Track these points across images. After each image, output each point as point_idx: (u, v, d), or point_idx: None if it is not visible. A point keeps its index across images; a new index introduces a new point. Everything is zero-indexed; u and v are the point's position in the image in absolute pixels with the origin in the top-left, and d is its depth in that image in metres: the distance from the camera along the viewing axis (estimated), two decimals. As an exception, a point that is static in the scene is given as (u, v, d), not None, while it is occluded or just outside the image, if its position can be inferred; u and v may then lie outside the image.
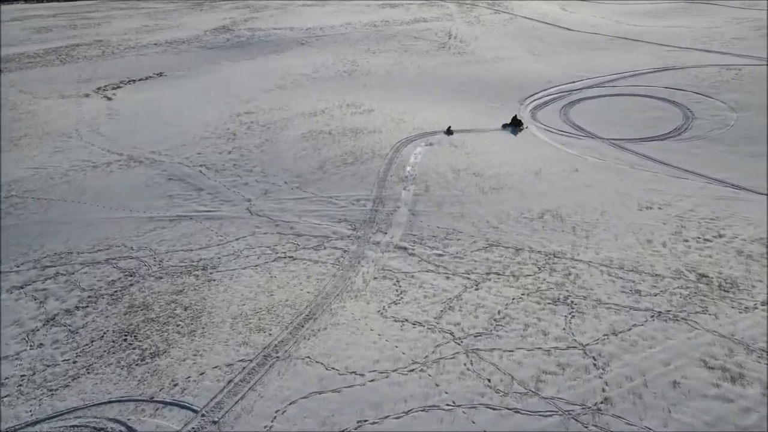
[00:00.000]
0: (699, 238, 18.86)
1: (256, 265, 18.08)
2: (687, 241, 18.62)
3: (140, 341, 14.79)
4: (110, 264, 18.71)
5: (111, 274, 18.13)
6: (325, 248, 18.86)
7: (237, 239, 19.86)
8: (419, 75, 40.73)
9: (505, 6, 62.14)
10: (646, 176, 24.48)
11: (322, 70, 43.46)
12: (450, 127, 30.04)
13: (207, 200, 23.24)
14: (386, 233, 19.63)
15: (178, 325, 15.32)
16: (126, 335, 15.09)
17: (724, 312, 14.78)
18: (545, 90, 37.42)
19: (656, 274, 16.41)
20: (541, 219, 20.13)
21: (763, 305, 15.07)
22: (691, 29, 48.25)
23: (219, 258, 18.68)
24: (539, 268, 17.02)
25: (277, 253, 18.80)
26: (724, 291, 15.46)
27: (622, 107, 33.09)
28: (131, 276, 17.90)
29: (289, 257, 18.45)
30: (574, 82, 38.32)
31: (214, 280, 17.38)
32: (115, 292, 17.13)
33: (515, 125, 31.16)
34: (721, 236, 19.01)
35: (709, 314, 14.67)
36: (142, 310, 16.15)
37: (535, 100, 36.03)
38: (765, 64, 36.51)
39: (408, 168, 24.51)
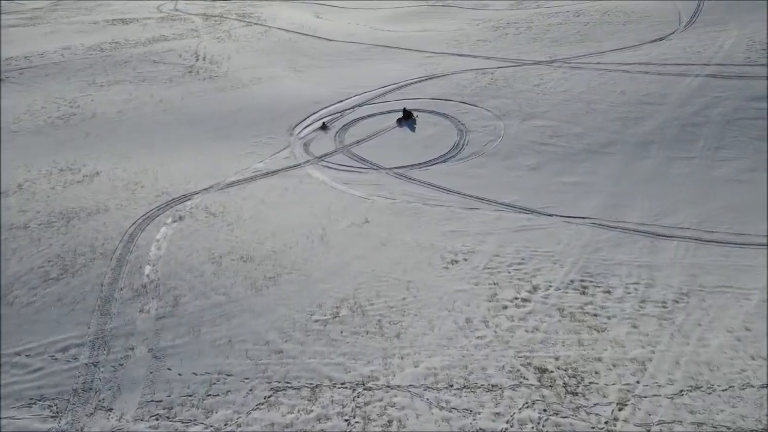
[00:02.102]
0: (516, 298, 15.62)
1: None
2: (506, 308, 15.19)
3: None
4: None
5: None
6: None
7: None
8: (162, 112, 32.20)
9: (258, 17, 55.85)
10: (441, 213, 21.10)
11: (25, 119, 31.74)
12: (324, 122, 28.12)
13: None
14: (111, 410, 12.12)
15: None
16: None
17: None
18: (315, 113, 32.52)
19: (493, 386, 12.35)
20: (338, 318, 14.79)
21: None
22: (441, 33, 48.44)
23: None
24: (347, 420, 11.61)
25: None
26: (573, 395, 12.08)
27: (396, 127, 29.87)
28: None
29: None
30: (342, 100, 34.17)
31: None
32: None
33: (408, 118, 29.82)
34: (535, 289, 16.10)
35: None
36: None
37: (306, 127, 30.86)
38: (512, 66, 37.20)
39: (147, 270, 16.84)
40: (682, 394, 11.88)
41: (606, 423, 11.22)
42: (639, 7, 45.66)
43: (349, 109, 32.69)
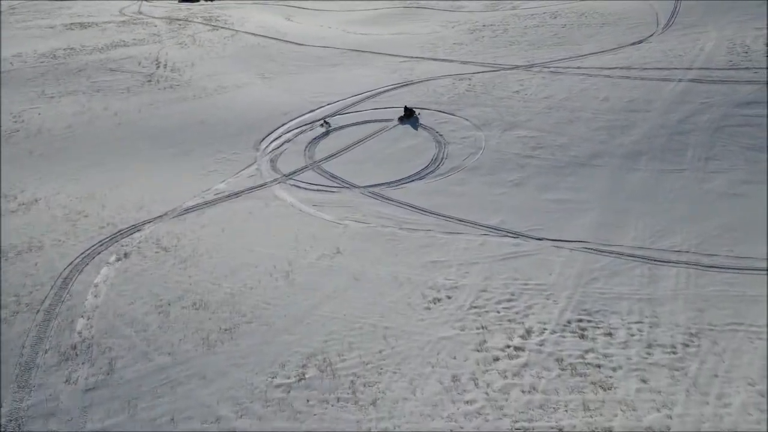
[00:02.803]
0: (508, 347, 13.51)
1: None
2: (497, 359, 13.05)
3: None
4: None
5: None
6: None
7: None
8: (117, 126, 29.26)
9: (225, 20, 52.78)
10: (420, 239, 18.91)
11: (-38, 135, 28.56)
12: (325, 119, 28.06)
13: None
14: None
15: None
16: None
17: None
18: (284, 125, 30.01)
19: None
20: (304, 381, 12.45)
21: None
22: (415, 36, 46.24)
23: None
24: None
25: None
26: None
27: (371, 138, 27.58)
28: None
29: None
30: (313, 110, 31.73)
31: None
32: None
33: (409, 116, 28.67)
34: (529, 333, 14.03)
35: None
36: None
37: (273, 141, 28.33)
38: (490, 71, 35.23)
39: (80, 324, 14.18)
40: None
41: None
42: (615, 9, 44.20)
43: (319, 120, 30.23)
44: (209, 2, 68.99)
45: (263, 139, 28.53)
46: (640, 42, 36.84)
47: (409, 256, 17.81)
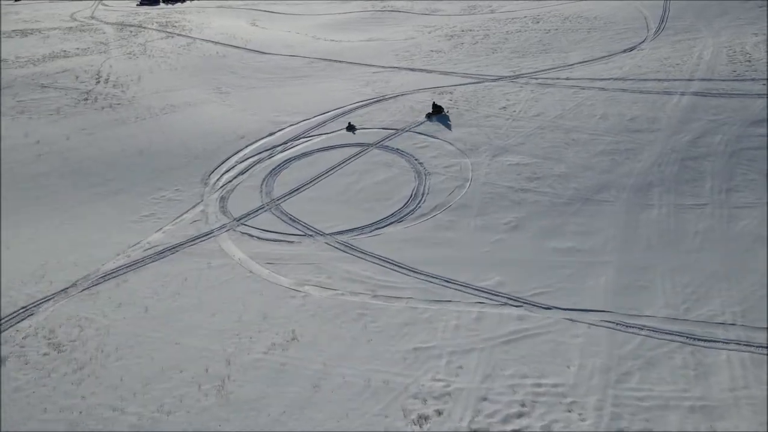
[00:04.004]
0: (529, 507, 9.30)
1: None
2: None
3: None
4: None
5: None
6: None
7: None
8: (36, 159, 24.04)
9: (183, 27, 47.34)
10: (398, 313, 14.53)
11: None
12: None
13: None
14: None
15: None
16: None
17: None
18: (239, 152, 25.26)
19: None
20: None
21: None
22: (389, 42, 41.73)
23: None
24: None
25: None
26: None
27: (340, 169, 23.07)
28: None
29: None
30: (274, 132, 27.01)
31: None
32: None
33: (438, 112, 26.38)
34: (555, 476, 9.85)
35: None
36: None
37: (225, 173, 23.58)
38: (472, 82, 30.98)
39: None
40: None
41: None
42: (601, 13, 40.39)
43: (280, 145, 25.57)
44: (170, 5, 63.27)
45: (214, 170, 23.75)
46: (631, 49, 33.04)
47: (385, 342, 13.43)
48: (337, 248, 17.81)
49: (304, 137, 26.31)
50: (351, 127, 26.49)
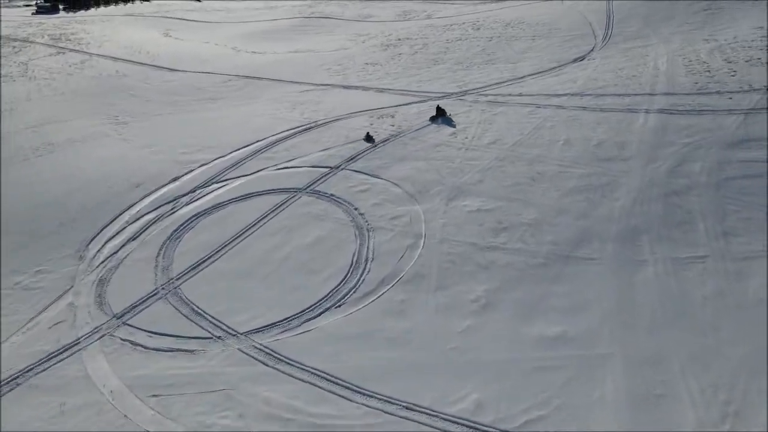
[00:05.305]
0: None
1: None
2: None
3: None
4: None
5: None
6: None
7: None
8: None
9: (80, 40, 39.66)
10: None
11: None
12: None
13: None
14: None
15: None
16: None
17: None
18: (132, 207, 19.33)
19: None
20: None
21: None
22: (319, 54, 36.47)
23: None
24: None
25: None
26: None
27: (261, 227, 17.80)
28: None
29: None
30: (180, 176, 21.24)
31: None
32: None
33: (442, 114, 23.53)
34: None
35: None
36: None
37: (109, 239, 17.66)
38: (416, 101, 26.42)
39: None
40: None
41: None
42: (543, 18, 37.09)
43: (184, 195, 19.88)
44: (72, 13, 54.59)
45: (95, 237, 17.76)
46: (582, 58, 29.72)
47: None
48: (254, 358, 12.64)
49: (217, 181, 20.75)
50: (369, 138, 22.38)
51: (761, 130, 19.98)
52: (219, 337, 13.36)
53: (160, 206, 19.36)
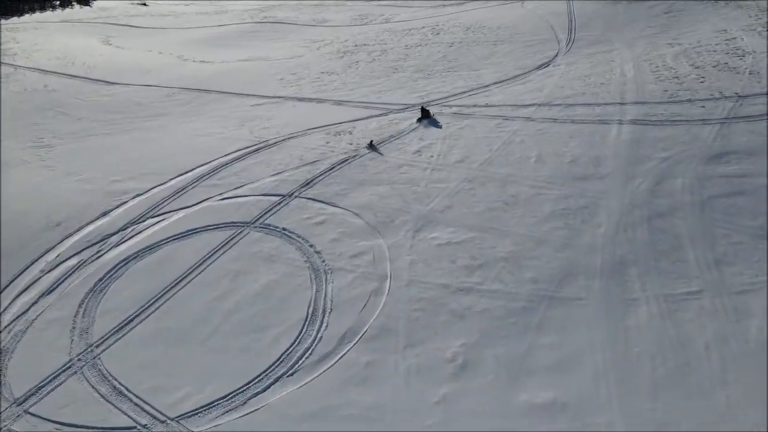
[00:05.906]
0: None
1: None
2: None
3: None
4: None
5: None
6: None
7: None
8: None
9: (4, 51, 35.33)
10: None
11: None
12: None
13: None
14: None
15: None
16: None
17: None
18: (50, 251, 16.25)
19: None
20: None
21: None
22: (271, 62, 33.63)
23: None
24: None
25: None
26: None
27: (202, 272, 15.13)
28: None
29: None
30: (110, 211, 18.23)
31: None
32: None
33: (427, 116, 22.29)
34: None
35: None
36: None
37: (19, 294, 14.62)
38: (376, 115, 24.14)
39: None
40: None
41: None
42: (504, 22, 35.44)
43: (115, 233, 16.94)
44: (3, 20, 49.44)
45: (2, 291, 14.66)
46: (546, 65, 28.15)
47: None
48: (186, 456, 10.10)
49: (153, 215, 17.87)
50: (372, 147, 20.40)
51: (737, 141, 18.72)
52: (145, 426, 10.72)
53: (84, 249, 16.39)
